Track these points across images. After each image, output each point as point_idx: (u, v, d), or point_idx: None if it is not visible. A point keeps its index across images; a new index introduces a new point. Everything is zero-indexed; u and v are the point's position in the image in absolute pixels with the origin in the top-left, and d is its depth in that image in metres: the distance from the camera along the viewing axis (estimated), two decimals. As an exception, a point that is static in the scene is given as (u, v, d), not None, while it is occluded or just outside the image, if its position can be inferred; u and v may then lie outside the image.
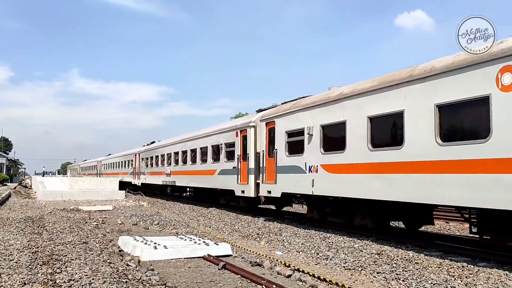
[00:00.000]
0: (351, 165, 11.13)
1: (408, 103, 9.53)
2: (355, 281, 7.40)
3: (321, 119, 12.49)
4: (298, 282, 7.11)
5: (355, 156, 11.02)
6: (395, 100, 9.87)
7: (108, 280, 6.10)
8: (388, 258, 8.54)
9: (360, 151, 10.81)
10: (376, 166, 10.35)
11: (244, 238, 12.29)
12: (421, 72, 9.29)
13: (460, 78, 8.42)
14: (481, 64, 8.03)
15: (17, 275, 6.33)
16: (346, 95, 11.59)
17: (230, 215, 16.87)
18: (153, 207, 22.11)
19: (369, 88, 10.78)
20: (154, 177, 31.35)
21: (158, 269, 7.70)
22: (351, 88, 11.66)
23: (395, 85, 9.95)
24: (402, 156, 9.57)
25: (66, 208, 19.09)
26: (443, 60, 9.04)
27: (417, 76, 9.35)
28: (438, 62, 9.13)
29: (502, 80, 7.66)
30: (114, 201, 25.91)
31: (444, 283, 6.87)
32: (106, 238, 10.80)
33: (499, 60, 7.74)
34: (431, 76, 9.01)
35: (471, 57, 8.13)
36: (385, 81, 10.42)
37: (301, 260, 9.25)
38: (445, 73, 8.72)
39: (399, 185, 9.66)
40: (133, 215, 16.80)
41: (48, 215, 15.99)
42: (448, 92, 8.62)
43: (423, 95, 9.16)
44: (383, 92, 10.31)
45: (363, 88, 11.04)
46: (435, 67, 9.01)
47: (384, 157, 10.14)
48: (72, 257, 7.79)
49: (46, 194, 26.51)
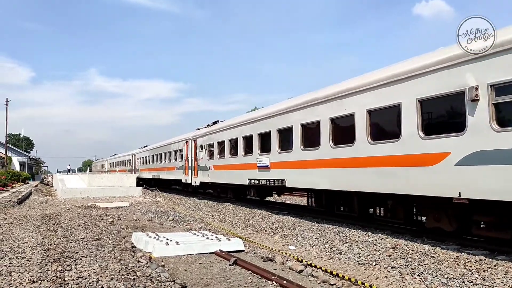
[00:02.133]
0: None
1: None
2: (368, 276, 7.24)
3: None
4: (310, 278, 6.99)
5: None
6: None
7: (116, 277, 6.07)
8: (403, 252, 8.33)
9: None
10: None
11: (258, 233, 12.20)
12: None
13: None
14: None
15: (27, 273, 6.36)
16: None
17: (244, 210, 16.80)
18: (169, 203, 22.20)
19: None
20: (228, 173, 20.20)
21: (169, 265, 7.67)
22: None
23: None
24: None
25: (84, 205, 19.29)
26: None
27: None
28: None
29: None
30: (131, 197, 26.11)
31: (461, 277, 6.66)
32: (120, 234, 10.83)
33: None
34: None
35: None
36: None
37: (314, 254, 9.12)
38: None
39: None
40: (148, 211, 16.88)
41: (65, 212, 16.17)
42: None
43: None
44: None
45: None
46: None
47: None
48: (83, 254, 7.80)
49: (65, 192, 26.87)
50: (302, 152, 13.40)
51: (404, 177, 9.48)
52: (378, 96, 10.36)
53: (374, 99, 10.46)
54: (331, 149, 11.97)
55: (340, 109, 11.75)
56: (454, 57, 8.39)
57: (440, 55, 8.85)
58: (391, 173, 9.86)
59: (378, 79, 10.43)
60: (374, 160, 10.37)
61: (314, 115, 12.85)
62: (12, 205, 18.71)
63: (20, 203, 20.56)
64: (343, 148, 11.50)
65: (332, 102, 12.07)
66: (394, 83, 9.87)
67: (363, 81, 11.05)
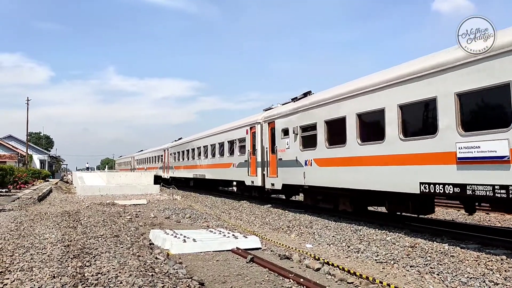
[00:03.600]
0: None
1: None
2: (386, 274, 7.16)
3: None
4: (327, 276, 6.94)
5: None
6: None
7: (135, 273, 6.13)
8: (422, 251, 8.22)
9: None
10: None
11: (275, 231, 12.19)
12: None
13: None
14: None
15: (47, 268, 6.46)
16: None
17: (261, 208, 16.81)
18: (186, 201, 22.35)
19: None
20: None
21: (186, 262, 7.71)
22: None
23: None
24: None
25: (103, 203, 19.56)
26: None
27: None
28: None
29: None
30: (149, 195, 26.37)
31: (481, 276, 6.54)
32: (138, 231, 10.94)
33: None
34: None
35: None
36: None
37: (331, 253, 9.07)
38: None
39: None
40: (166, 209, 17.03)
41: (84, 209, 16.42)
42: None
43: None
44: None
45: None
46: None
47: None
48: (102, 251, 7.90)
49: (84, 189, 27.31)
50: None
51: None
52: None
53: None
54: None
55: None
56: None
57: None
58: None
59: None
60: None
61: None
62: (33, 202, 19.10)
63: (40, 200, 20.97)
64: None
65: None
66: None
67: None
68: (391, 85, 10.64)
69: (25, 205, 17.57)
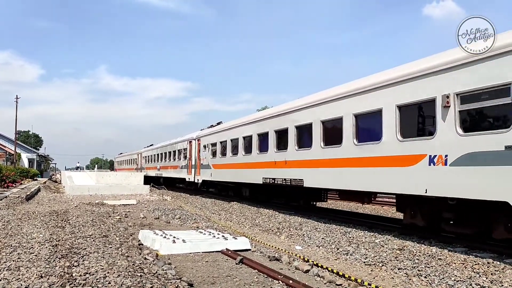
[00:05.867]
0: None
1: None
2: (375, 277, 7.22)
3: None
4: (316, 278, 6.97)
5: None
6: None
7: (123, 273, 6.10)
8: (410, 254, 8.29)
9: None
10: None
11: (265, 232, 12.21)
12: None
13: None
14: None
15: (35, 268, 6.40)
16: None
17: (251, 209, 16.81)
18: (176, 202, 22.28)
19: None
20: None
21: (176, 263, 7.69)
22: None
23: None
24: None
25: (92, 202, 19.41)
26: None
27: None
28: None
29: None
30: (139, 195, 26.23)
31: (468, 279, 6.62)
32: (127, 231, 10.89)
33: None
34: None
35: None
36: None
37: (320, 255, 9.11)
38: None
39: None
40: (155, 209, 16.94)
41: (73, 209, 16.29)
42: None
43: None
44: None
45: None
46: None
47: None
48: (91, 251, 7.85)
49: (73, 189, 27.05)
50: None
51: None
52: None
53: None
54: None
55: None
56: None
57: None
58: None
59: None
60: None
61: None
62: (20, 201, 18.89)
63: (28, 199, 20.75)
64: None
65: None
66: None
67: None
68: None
69: (13, 204, 17.37)
